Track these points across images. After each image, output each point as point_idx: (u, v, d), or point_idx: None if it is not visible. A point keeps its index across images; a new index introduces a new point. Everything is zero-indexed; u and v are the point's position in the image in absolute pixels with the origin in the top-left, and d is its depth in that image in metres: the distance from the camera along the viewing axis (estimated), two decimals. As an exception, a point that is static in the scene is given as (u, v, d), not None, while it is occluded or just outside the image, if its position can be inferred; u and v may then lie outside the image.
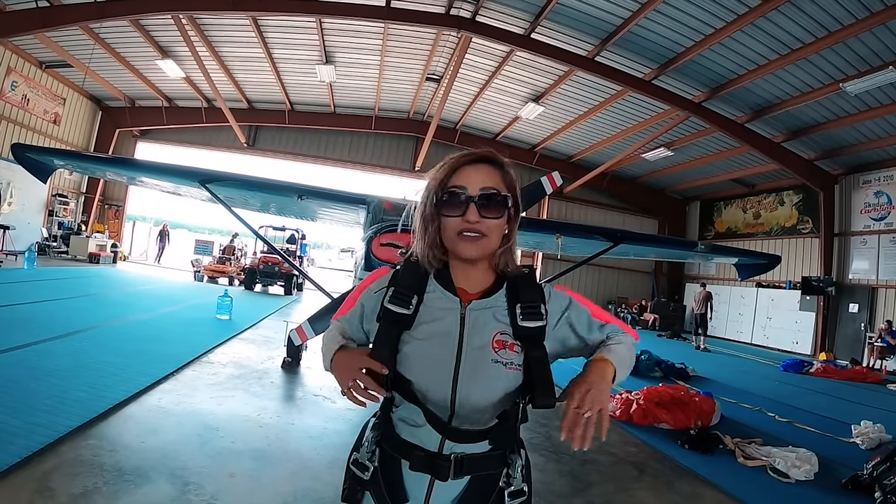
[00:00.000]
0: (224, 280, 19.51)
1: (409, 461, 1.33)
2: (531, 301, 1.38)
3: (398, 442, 1.36)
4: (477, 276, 1.43)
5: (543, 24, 13.42)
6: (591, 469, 4.61)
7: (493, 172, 1.39)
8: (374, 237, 4.73)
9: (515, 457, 1.38)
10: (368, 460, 1.39)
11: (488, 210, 1.34)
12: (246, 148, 22.99)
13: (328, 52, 16.66)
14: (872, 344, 15.44)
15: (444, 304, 1.39)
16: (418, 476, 1.33)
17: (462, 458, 1.30)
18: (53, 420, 3.88)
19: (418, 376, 1.32)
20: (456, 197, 1.35)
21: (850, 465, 5.22)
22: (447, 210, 1.36)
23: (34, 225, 18.71)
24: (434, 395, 1.32)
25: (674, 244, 10.56)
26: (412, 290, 1.39)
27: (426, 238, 1.41)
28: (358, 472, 1.40)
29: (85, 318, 8.16)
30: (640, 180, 24.20)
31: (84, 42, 15.95)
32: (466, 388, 1.31)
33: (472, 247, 1.35)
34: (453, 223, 1.35)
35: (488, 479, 1.35)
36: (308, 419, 4.97)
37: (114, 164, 8.03)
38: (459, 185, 1.36)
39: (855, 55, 11.67)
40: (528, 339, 1.35)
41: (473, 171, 1.38)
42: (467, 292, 1.41)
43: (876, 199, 16.74)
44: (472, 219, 1.33)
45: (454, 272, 1.43)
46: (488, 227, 1.35)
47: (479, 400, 1.31)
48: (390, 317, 1.37)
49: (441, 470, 1.29)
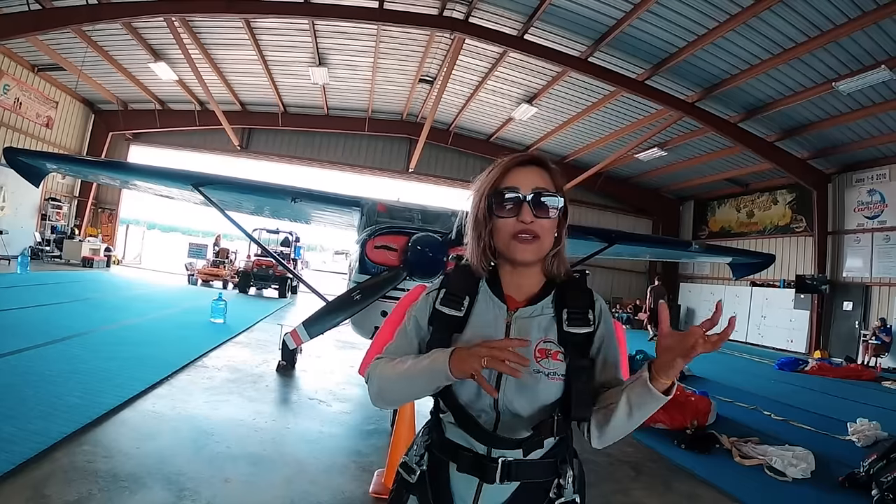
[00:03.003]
0: (218, 283, 19.46)
1: (457, 463, 1.33)
2: (579, 306, 1.37)
3: (447, 444, 1.36)
4: (526, 283, 1.42)
5: (536, 24, 13.43)
6: (589, 470, 4.57)
7: (543, 174, 1.39)
8: (368, 239, 4.72)
9: (567, 467, 1.37)
10: (416, 463, 1.39)
11: (541, 210, 1.34)
12: (239, 151, 22.93)
13: (321, 54, 16.65)
14: (867, 341, 15.49)
15: (492, 310, 1.39)
16: (466, 481, 1.32)
17: (510, 463, 1.29)
18: (47, 426, 3.85)
19: (463, 385, 1.31)
20: (509, 198, 1.33)
21: (846, 462, 5.23)
22: (500, 212, 1.34)
23: (27, 229, 18.57)
24: (479, 403, 1.31)
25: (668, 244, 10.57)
26: (464, 292, 1.40)
27: (479, 242, 1.40)
28: (405, 474, 1.40)
29: (79, 323, 8.12)
30: (634, 180, 24.25)
31: (76, 45, 15.90)
32: (509, 397, 1.30)
33: (528, 249, 1.34)
34: (507, 224, 1.34)
35: (538, 487, 1.34)
36: (304, 423, 4.95)
37: (107, 167, 7.97)
38: (512, 185, 1.35)
39: (847, 54, 11.71)
40: (573, 346, 1.34)
41: (524, 173, 1.37)
42: (515, 299, 1.41)
43: (869, 198, 16.79)
44: (526, 219, 1.32)
45: (504, 278, 1.42)
46: (542, 227, 1.34)
47: (521, 409, 1.30)
48: (442, 319, 1.38)
49: (489, 472, 1.28)
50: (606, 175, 22.96)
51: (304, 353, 7.77)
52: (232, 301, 11.96)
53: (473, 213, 1.41)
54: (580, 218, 24.06)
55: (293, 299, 18.26)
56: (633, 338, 17.24)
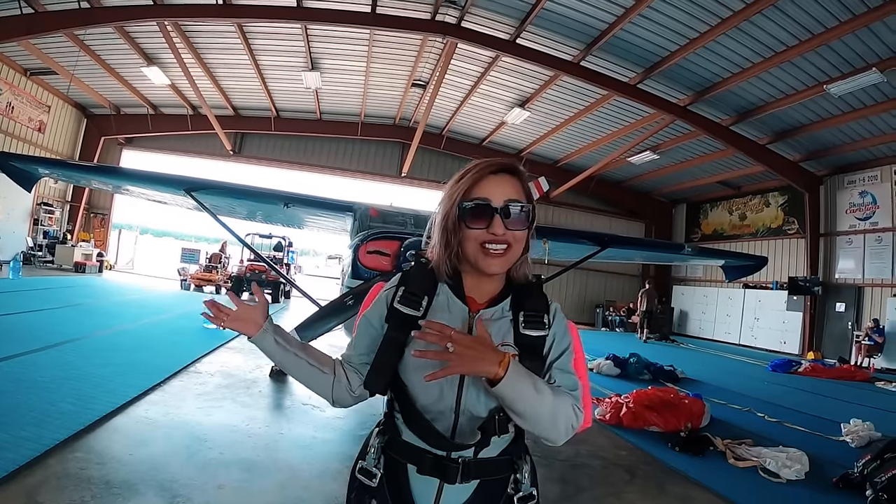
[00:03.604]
0: (211, 288, 19.39)
1: (417, 465, 1.31)
2: (535, 309, 1.38)
3: (405, 447, 1.34)
4: (488, 286, 1.42)
5: (529, 29, 13.48)
6: (582, 473, 4.61)
7: (515, 182, 1.39)
8: (360, 244, 4.72)
9: (522, 462, 1.39)
10: (375, 467, 1.37)
11: (513, 222, 1.34)
12: (232, 155, 22.85)
13: (314, 58, 16.65)
14: (860, 342, 15.56)
15: (452, 311, 1.38)
16: (426, 482, 1.31)
17: (470, 462, 1.29)
18: (40, 433, 3.82)
19: (422, 386, 1.30)
20: (481, 208, 1.33)
21: (840, 463, 5.23)
22: (471, 222, 1.33)
23: (19, 234, 18.49)
24: (436, 407, 1.32)
25: (661, 247, 10.63)
26: (423, 291, 1.38)
27: (446, 249, 1.39)
28: (365, 479, 1.37)
29: (71, 329, 8.06)
30: (627, 184, 24.31)
31: (69, 49, 15.83)
32: (471, 399, 1.31)
33: (497, 262, 1.34)
34: (477, 235, 1.33)
35: (497, 484, 1.35)
36: (297, 428, 4.93)
37: (99, 172, 7.98)
38: (484, 196, 1.34)
39: (838, 57, 11.80)
40: (528, 349, 1.35)
41: (496, 182, 1.37)
42: (475, 301, 1.41)
43: (861, 199, 16.89)
44: (497, 231, 1.32)
45: (466, 281, 1.42)
46: (513, 237, 1.34)
47: (482, 411, 1.31)
48: (399, 317, 1.36)
49: (449, 473, 1.28)
50: (599, 178, 23.07)
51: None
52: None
53: (443, 219, 1.40)
54: (573, 221, 24.17)
55: (286, 304, 18.19)
56: (627, 341, 17.29)
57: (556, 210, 24.24)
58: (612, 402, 6.58)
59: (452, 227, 1.37)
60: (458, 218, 1.35)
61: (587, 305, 24.27)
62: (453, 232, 1.37)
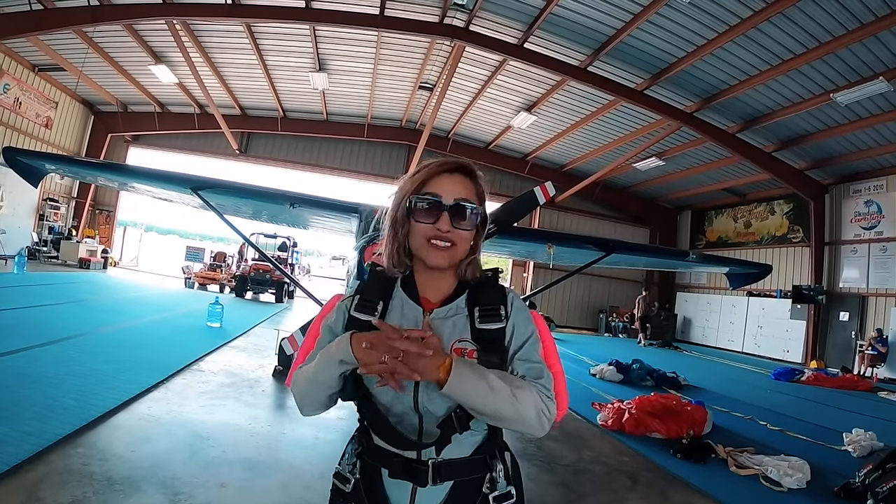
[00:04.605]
0: (215, 287, 19.43)
1: (388, 469, 1.32)
2: (490, 303, 1.38)
3: (376, 451, 1.35)
4: (441, 285, 1.43)
5: (537, 33, 13.49)
6: (584, 479, 4.60)
7: (468, 183, 1.41)
8: (366, 246, 4.72)
9: (496, 461, 1.37)
10: (350, 472, 1.38)
11: (460, 220, 1.35)
12: (238, 154, 22.90)
13: (321, 59, 16.68)
14: (863, 352, 15.51)
15: (407, 312, 1.39)
16: (400, 485, 1.32)
17: (440, 464, 1.30)
18: (42, 428, 3.84)
19: (381, 390, 1.31)
20: (430, 204, 1.35)
21: (842, 473, 5.21)
22: (419, 216, 1.36)
23: (24, 229, 18.56)
24: (398, 408, 1.32)
25: (665, 254, 10.59)
26: (377, 297, 1.40)
27: (394, 242, 1.41)
28: (340, 484, 1.39)
29: (75, 325, 8.09)
30: (632, 189, 24.27)
31: (78, 46, 15.90)
32: (428, 397, 1.29)
33: (441, 255, 1.35)
34: (424, 230, 1.35)
35: (471, 484, 1.34)
36: (299, 428, 4.94)
37: (105, 169, 7.98)
38: (434, 192, 1.36)
39: (846, 66, 11.78)
40: (487, 343, 1.34)
41: (449, 180, 1.39)
42: (430, 301, 1.42)
43: (866, 209, 16.85)
44: (443, 227, 1.34)
45: (419, 280, 1.43)
46: (459, 236, 1.36)
47: (442, 409, 1.30)
48: (357, 324, 1.36)
49: (420, 476, 1.29)
50: (604, 184, 23.05)
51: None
52: (228, 305, 11.95)
53: (392, 212, 1.42)
54: (578, 226, 24.15)
55: (290, 304, 18.23)
56: (630, 347, 17.28)
57: (561, 215, 24.22)
58: (614, 408, 6.58)
59: (401, 219, 1.40)
60: (407, 211, 1.37)
61: (590, 310, 24.25)
62: (401, 224, 1.40)
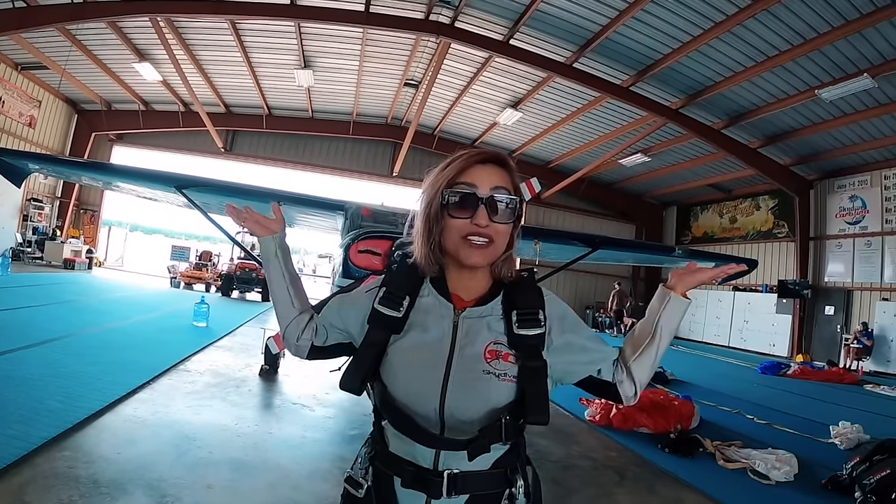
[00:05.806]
0: (200, 286, 19.32)
1: (401, 478, 1.24)
2: (529, 307, 1.31)
3: (389, 457, 1.28)
4: (475, 283, 1.35)
5: (522, 30, 13.49)
6: (573, 475, 4.61)
7: (502, 173, 1.32)
8: (351, 244, 4.71)
9: (517, 476, 1.28)
10: (362, 477, 1.31)
11: (498, 214, 1.27)
12: (223, 153, 22.78)
13: (307, 56, 16.60)
14: (848, 345, 15.69)
15: (437, 310, 1.32)
16: (413, 496, 1.24)
17: (457, 476, 1.21)
18: (28, 431, 3.79)
19: (404, 388, 1.25)
20: (465, 197, 1.26)
21: (829, 465, 5.26)
22: (455, 211, 1.26)
23: (8, 230, 18.32)
24: (421, 409, 1.24)
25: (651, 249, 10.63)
26: (404, 292, 1.32)
27: (429, 240, 1.32)
28: (352, 489, 1.32)
29: (60, 326, 7.99)
30: (618, 186, 24.39)
31: (61, 43, 15.72)
32: (455, 400, 1.22)
33: (478, 254, 1.27)
34: (460, 225, 1.26)
35: (489, 499, 1.25)
36: (287, 428, 4.91)
37: (89, 168, 7.91)
38: (469, 182, 1.28)
39: (830, 63, 11.88)
40: (525, 349, 1.27)
41: (482, 171, 1.29)
42: (462, 299, 1.34)
43: (850, 204, 17.03)
44: (481, 222, 1.25)
45: (450, 277, 1.35)
46: (496, 231, 1.27)
47: (470, 414, 1.23)
48: (379, 320, 1.30)
49: (433, 487, 1.21)
50: (590, 180, 23.09)
51: (287, 358, 7.71)
52: (214, 304, 11.87)
53: (425, 208, 1.33)
54: (564, 223, 24.21)
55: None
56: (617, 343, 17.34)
57: (547, 211, 24.25)
58: (602, 404, 6.58)
59: (434, 216, 1.30)
60: (441, 207, 1.28)
61: (578, 307, 24.21)
62: (435, 221, 1.30)
